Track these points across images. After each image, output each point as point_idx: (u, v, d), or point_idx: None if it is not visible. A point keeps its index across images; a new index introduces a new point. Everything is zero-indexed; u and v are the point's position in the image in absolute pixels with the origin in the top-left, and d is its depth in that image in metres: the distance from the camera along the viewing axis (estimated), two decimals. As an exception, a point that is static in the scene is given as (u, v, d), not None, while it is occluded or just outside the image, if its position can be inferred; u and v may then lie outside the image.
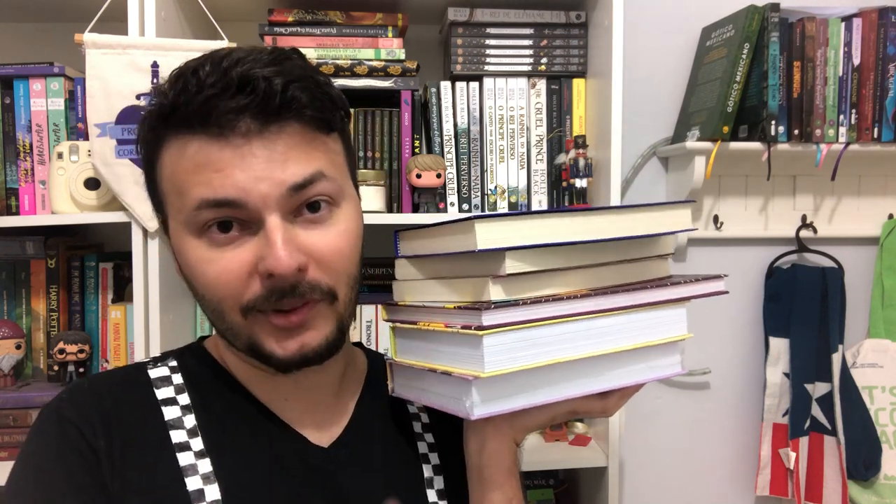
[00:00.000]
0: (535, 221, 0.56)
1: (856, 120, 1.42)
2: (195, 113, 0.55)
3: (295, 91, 0.56)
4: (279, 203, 0.56)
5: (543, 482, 1.51)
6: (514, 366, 0.55)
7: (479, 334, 0.54)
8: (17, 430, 1.21)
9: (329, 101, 0.60)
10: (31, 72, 1.22)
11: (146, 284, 1.17)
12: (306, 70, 0.59)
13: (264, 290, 0.57)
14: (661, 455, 1.61)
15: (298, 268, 0.56)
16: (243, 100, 0.55)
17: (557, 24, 1.35)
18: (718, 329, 1.62)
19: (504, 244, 0.55)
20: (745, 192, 1.57)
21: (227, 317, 0.59)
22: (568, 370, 0.59)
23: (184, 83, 0.56)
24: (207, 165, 0.56)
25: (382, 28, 1.30)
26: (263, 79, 0.55)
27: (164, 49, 1.13)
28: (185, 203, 0.57)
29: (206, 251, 0.57)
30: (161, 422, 0.62)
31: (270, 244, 0.55)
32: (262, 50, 0.58)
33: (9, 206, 1.23)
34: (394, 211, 1.30)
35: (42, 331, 1.31)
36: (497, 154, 1.35)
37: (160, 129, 0.59)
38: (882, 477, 1.51)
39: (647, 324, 0.62)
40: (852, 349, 1.56)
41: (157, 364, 0.66)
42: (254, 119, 0.55)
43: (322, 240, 0.59)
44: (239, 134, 0.55)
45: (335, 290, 0.60)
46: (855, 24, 1.42)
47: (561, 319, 0.57)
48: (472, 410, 0.55)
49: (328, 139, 0.61)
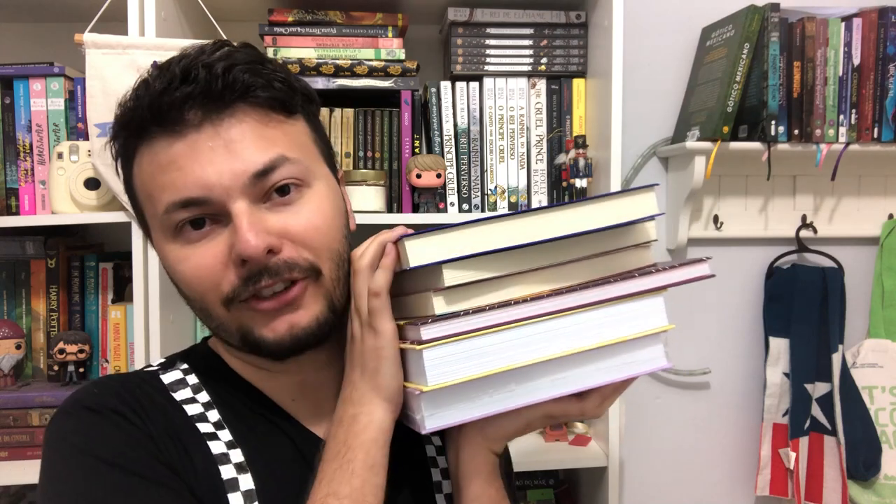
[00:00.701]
0: (464, 231, 0.55)
1: (856, 120, 1.42)
2: (147, 114, 0.56)
3: (237, 73, 0.56)
4: (243, 191, 0.56)
5: (543, 482, 1.51)
6: (457, 377, 0.54)
7: (418, 348, 0.54)
8: (18, 430, 1.21)
9: (283, 84, 0.60)
10: (31, 72, 1.22)
11: (146, 284, 1.17)
12: (254, 56, 0.59)
13: (240, 278, 0.57)
14: (661, 455, 1.61)
15: (268, 248, 0.56)
16: (187, 89, 0.55)
17: (557, 24, 1.35)
18: (718, 329, 1.62)
19: (435, 259, 0.55)
20: (745, 192, 1.57)
21: (213, 312, 0.59)
22: (524, 375, 0.57)
23: (135, 91, 0.57)
24: (169, 165, 0.56)
25: (382, 28, 1.30)
26: (204, 66, 0.56)
27: (164, 49, 1.13)
28: (156, 208, 0.58)
29: (182, 250, 0.58)
30: (186, 417, 0.61)
31: (237, 230, 0.55)
32: (210, 43, 0.59)
33: (9, 206, 1.23)
34: (394, 211, 1.30)
35: (42, 331, 1.31)
36: (497, 154, 1.35)
37: (127, 141, 0.60)
38: (882, 477, 1.51)
39: (615, 319, 0.59)
40: (852, 349, 1.56)
41: (167, 369, 0.66)
42: (201, 107, 0.56)
43: (293, 219, 0.58)
44: (191, 126, 0.56)
45: (318, 266, 0.59)
46: (855, 24, 1.42)
47: (505, 326, 0.56)
48: (424, 424, 0.56)
49: (287, 121, 0.60)
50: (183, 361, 0.67)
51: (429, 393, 0.54)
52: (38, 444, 1.21)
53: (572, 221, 0.58)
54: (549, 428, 1.36)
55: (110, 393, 0.60)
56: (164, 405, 0.61)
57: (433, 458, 0.71)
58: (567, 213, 0.57)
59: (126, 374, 0.68)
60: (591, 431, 1.40)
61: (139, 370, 0.67)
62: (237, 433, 0.61)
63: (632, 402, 1.58)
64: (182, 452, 0.58)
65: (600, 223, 0.58)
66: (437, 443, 0.72)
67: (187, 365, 0.66)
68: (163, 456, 0.57)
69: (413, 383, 0.57)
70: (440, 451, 0.71)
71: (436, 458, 0.71)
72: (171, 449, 0.58)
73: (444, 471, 0.70)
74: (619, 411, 1.28)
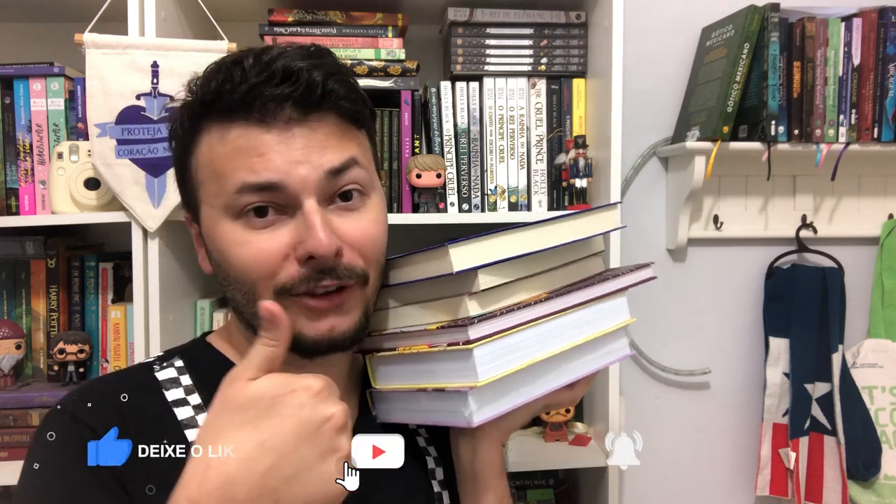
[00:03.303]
0: (501, 239, 0.61)
1: (856, 120, 1.42)
2: (239, 100, 0.58)
3: (333, 84, 0.59)
4: (317, 187, 0.58)
5: (543, 482, 1.51)
6: (501, 371, 0.59)
7: (469, 348, 0.58)
8: (17, 430, 1.21)
9: (361, 98, 0.63)
10: (31, 72, 1.22)
11: (146, 284, 1.17)
12: (341, 67, 0.62)
13: (304, 272, 0.58)
14: (661, 455, 1.61)
15: (336, 251, 0.58)
16: (287, 89, 0.57)
17: (557, 24, 1.35)
18: (718, 329, 1.62)
19: (477, 263, 0.60)
20: (745, 192, 1.57)
21: (260, 299, 0.59)
22: (542, 367, 0.64)
23: (227, 73, 0.59)
24: (250, 150, 0.58)
25: (382, 28, 1.30)
26: (305, 70, 0.58)
27: (164, 49, 1.13)
28: (224, 187, 0.59)
29: (243, 234, 0.59)
30: (175, 422, 0.61)
31: (310, 226, 0.57)
32: (301, 46, 0.61)
33: (9, 206, 1.23)
34: (394, 211, 1.30)
35: (42, 331, 1.31)
36: (497, 154, 1.35)
37: (200, 119, 0.61)
38: (882, 477, 1.51)
39: (598, 315, 0.68)
40: (852, 349, 1.56)
41: (164, 365, 0.66)
42: (295, 108, 0.58)
43: (356, 226, 0.61)
44: (281, 121, 0.58)
45: (367, 274, 0.62)
46: (855, 24, 1.42)
47: (532, 323, 0.62)
48: (472, 418, 0.59)
49: (359, 133, 0.64)
50: (180, 359, 0.67)
51: (478, 389, 0.58)
52: (38, 444, 1.21)
53: (571, 231, 0.66)
54: (548, 428, 1.36)
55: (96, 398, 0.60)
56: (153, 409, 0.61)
57: (424, 447, 0.72)
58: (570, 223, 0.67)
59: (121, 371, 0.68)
60: (591, 431, 1.40)
61: (136, 364, 0.68)
62: None
63: (632, 402, 1.58)
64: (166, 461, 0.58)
65: (586, 233, 0.68)
66: (426, 434, 0.74)
67: (183, 363, 0.66)
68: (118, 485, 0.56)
69: (455, 383, 0.60)
70: (438, 462, 0.73)
71: (426, 447, 0.73)
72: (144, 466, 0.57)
73: (436, 459, 0.73)
74: (619, 411, 1.28)
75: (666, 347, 1.60)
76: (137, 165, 1.13)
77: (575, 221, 0.67)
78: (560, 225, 0.66)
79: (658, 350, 1.59)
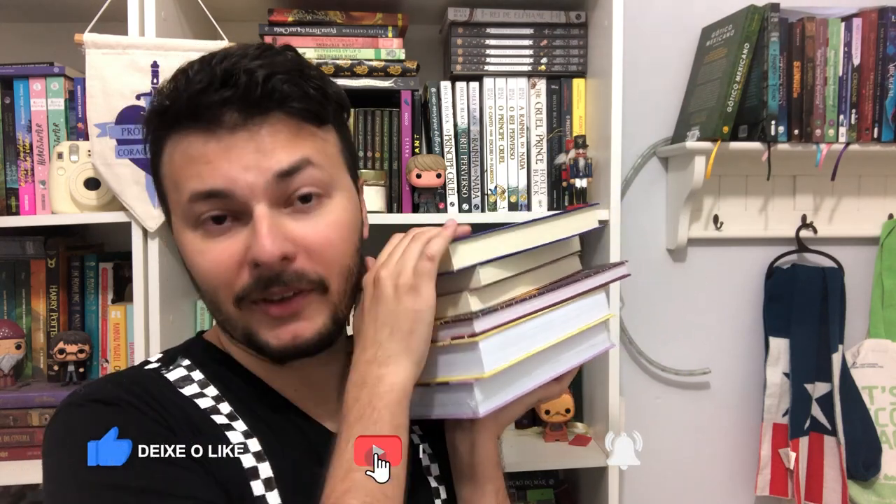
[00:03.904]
0: (497, 237, 0.64)
1: (856, 120, 1.42)
2: (184, 109, 0.57)
3: (276, 83, 0.57)
4: (266, 192, 0.57)
5: (543, 482, 1.51)
6: (504, 363, 0.62)
7: (476, 340, 0.59)
8: (17, 430, 1.21)
9: (319, 94, 0.61)
10: (31, 72, 1.22)
11: (146, 284, 1.17)
12: (294, 64, 0.60)
13: (252, 279, 0.58)
14: (661, 455, 1.61)
15: (283, 256, 0.57)
16: (226, 93, 0.56)
17: (557, 24, 1.35)
18: (718, 329, 1.62)
19: (476, 260, 0.62)
20: (745, 192, 1.57)
21: (223, 307, 0.60)
22: (538, 359, 0.67)
23: (175, 82, 0.59)
24: (198, 159, 0.57)
25: (382, 28, 1.30)
26: (245, 72, 0.56)
27: (164, 49, 1.13)
28: (180, 197, 0.59)
29: (201, 243, 0.59)
30: (199, 410, 0.61)
31: (256, 233, 0.57)
32: (253, 46, 0.60)
33: (9, 206, 1.23)
34: (394, 211, 1.30)
35: (42, 331, 1.31)
36: (497, 154, 1.35)
37: (159, 130, 0.61)
38: (882, 477, 1.51)
39: (583, 310, 0.73)
40: (852, 349, 1.56)
41: (170, 367, 0.65)
42: (238, 111, 0.57)
43: (311, 229, 0.59)
44: (225, 127, 0.57)
45: (326, 281, 0.60)
46: (855, 24, 1.42)
47: (529, 317, 0.65)
48: (479, 408, 0.61)
49: (318, 131, 0.62)
50: (184, 357, 0.66)
51: (484, 380, 0.60)
52: (38, 444, 1.20)
53: (555, 230, 0.70)
54: (548, 428, 1.36)
55: (121, 388, 0.59)
56: (177, 400, 0.61)
57: (418, 445, 0.73)
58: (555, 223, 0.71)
59: (129, 371, 0.67)
60: (591, 431, 1.40)
61: (139, 367, 0.66)
62: (251, 424, 0.62)
63: (632, 402, 1.58)
64: (202, 443, 0.58)
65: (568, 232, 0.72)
66: (419, 431, 0.74)
67: (189, 361, 0.66)
68: (184, 445, 0.56)
69: (460, 376, 0.61)
70: (433, 458, 0.73)
71: (420, 445, 0.73)
72: (191, 440, 0.57)
73: (430, 455, 0.73)
74: (619, 411, 1.28)
75: (666, 347, 1.60)
76: (137, 165, 1.13)
77: (560, 221, 0.71)
78: (546, 224, 0.69)
79: (658, 350, 1.59)
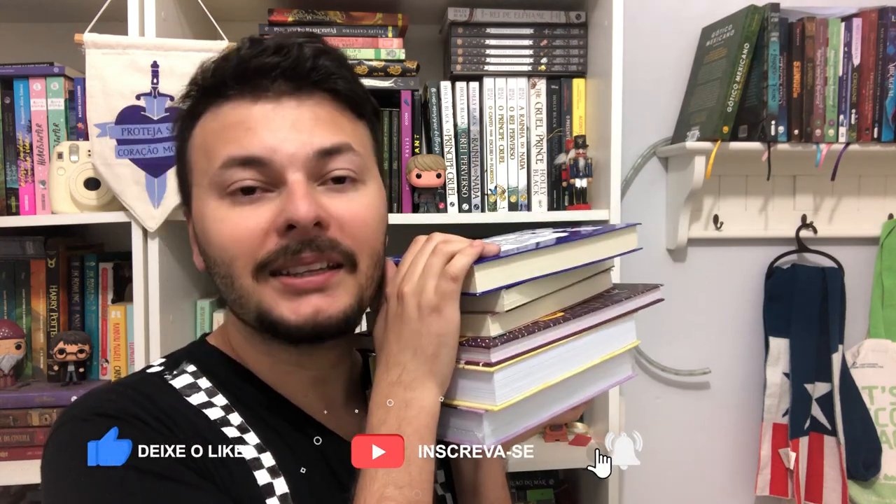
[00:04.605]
0: (524, 261, 0.59)
1: (856, 120, 1.42)
2: (231, 74, 0.58)
3: (325, 60, 0.59)
4: (305, 165, 0.57)
5: (543, 482, 1.51)
6: (519, 395, 0.57)
7: (490, 370, 0.55)
8: (17, 430, 1.21)
9: (359, 86, 0.62)
10: (31, 72, 1.22)
11: (146, 284, 1.17)
12: (338, 52, 0.62)
13: (282, 243, 0.55)
14: (661, 455, 1.61)
15: (318, 220, 0.55)
16: (276, 59, 0.57)
17: (557, 24, 1.35)
18: (718, 329, 1.62)
19: (500, 284, 0.57)
20: (745, 192, 1.57)
21: (238, 281, 0.57)
22: (554, 390, 0.62)
23: (223, 57, 0.59)
24: (238, 124, 0.57)
25: (382, 28, 1.30)
26: (297, 45, 0.58)
27: (164, 49, 1.13)
28: (211, 163, 0.58)
29: (226, 211, 0.57)
30: (208, 422, 0.57)
31: (291, 195, 0.55)
32: (299, 32, 0.61)
33: (9, 206, 1.23)
34: (394, 211, 1.30)
35: (42, 331, 1.31)
36: (497, 154, 1.35)
37: (197, 105, 0.60)
38: (882, 477, 1.51)
39: (609, 337, 0.67)
40: (852, 349, 1.56)
41: (175, 373, 0.61)
42: (286, 81, 0.57)
43: (345, 206, 0.58)
44: (272, 95, 0.57)
45: (356, 257, 0.58)
46: (855, 24, 1.42)
47: (550, 346, 0.60)
48: (486, 441, 0.57)
49: (357, 122, 0.62)
50: (189, 362, 0.63)
51: (494, 413, 0.56)
52: (39, 444, 1.21)
53: (591, 252, 0.66)
54: (548, 428, 1.36)
55: (127, 399, 0.56)
56: (185, 411, 0.57)
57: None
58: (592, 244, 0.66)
59: (132, 379, 0.62)
60: (591, 431, 1.40)
61: (142, 373, 0.62)
62: (263, 436, 0.59)
63: (632, 402, 1.58)
64: (216, 459, 0.55)
65: (606, 254, 0.67)
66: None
67: (195, 367, 0.62)
68: (195, 463, 0.53)
69: (470, 402, 0.57)
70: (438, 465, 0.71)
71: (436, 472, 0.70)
72: (202, 456, 0.54)
73: (444, 485, 0.71)
74: (619, 411, 1.28)
75: (666, 347, 1.60)
76: (137, 165, 1.13)
77: (598, 243, 0.67)
78: (582, 247, 0.65)
79: (658, 350, 1.59)
